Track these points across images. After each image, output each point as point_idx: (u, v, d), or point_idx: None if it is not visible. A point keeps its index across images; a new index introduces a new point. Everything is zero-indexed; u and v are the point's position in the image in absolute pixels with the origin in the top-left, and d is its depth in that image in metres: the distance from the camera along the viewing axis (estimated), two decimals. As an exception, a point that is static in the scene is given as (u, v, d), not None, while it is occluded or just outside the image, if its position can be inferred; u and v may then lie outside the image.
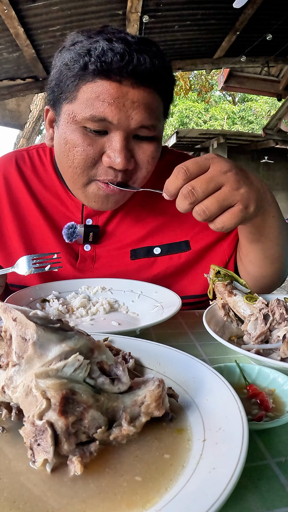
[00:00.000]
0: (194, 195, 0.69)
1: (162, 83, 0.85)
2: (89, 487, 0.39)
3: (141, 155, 0.88)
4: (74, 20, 4.37)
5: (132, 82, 0.79)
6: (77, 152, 0.85)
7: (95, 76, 0.79)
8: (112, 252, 1.08)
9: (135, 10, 4.29)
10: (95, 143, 0.84)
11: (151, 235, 1.08)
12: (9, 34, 4.38)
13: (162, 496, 0.37)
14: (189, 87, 15.49)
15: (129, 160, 0.85)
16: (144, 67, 0.78)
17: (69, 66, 0.82)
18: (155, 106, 0.84)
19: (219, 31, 5.15)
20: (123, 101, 0.79)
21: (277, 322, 0.72)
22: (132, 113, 0.81)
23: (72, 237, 1.02)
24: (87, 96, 0.80)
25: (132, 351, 0.63)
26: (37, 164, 1.11)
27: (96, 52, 0.78)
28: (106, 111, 0.79)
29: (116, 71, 0.77)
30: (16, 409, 0.48)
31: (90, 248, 1.08)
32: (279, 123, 8.15)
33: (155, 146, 0.89)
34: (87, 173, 0.88)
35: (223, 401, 0.48)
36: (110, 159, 0.84)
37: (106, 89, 0.79)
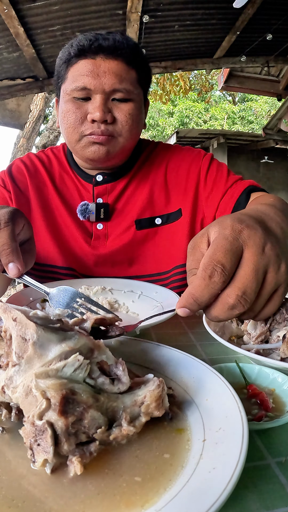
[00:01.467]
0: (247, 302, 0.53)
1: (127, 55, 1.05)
2: (88, 488, 0.39)
3: (118, 113, 1.07)
4: (74, 20, 4.36)
5: (103, 57, 1.03)
6: (69, 116, 1.07)
7: (76, 58, 1.05)
8: (121, 228, 1.21)
9: (135, 10, 4.29)
10: (82, 107, 1.06)
11: (152, 206, 1.21)
12: (9, 34, 4.37)
13: (161, 496, 0.37)
14: (189, 87, 15.47)
15: (107, 113, 1.04)
16: (108, 43, 1.02)
17: (60, 58, 1.10)
18: (125, 74, 1.05)
19: (219, 31, 5.14)
20: (97, 72, 1.03)
21: (277, 322, 0.72)
22: (104, 80, 1.02)
23: (85, 213, 1.17)
24: (72, 74, 1.05)
25: (132, 351, 0.63)
26: (53, 159, 1.30)
27: (75, 42, 1.05)
28: (85, 81, 1.03)
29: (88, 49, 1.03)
30: (16, 409, 0.48)
31: (102, 227, 1.21)
32: (279, 123, 8.14)
33: (131, 106, 1.07)
34: (77, 130, 1.07)
35: (223, 401, 0.48)
36: (91, 114, 1.04)
37: (84, 65, 1.04)
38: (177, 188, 1.20)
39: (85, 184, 1.23)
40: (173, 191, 1.22)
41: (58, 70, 1.12)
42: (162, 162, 1.24)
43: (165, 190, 1.22)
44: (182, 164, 1.21)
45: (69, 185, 1.25)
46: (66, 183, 1.25)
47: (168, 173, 1.22)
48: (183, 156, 1.23)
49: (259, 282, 0.53)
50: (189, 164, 1.21)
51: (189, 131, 12.00)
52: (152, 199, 1.22)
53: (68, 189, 1.25)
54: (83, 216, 1.17)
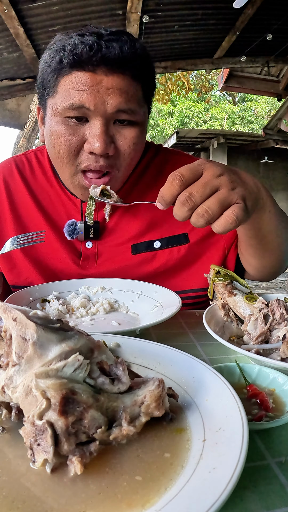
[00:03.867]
0: (192, 201, 0.69)
1: (135, 68, 0.87)
2: (89, 487, 0.39)
3: (122, 141, 0.90)
4: (74, 20, 4.36)
5: (105, 70, 0.83)
6: (61, 143, 0.89)
7: (70, 68, 0.85)
8: (113, 248, 1.09)
9: (135, 10, 4.29)
10: (77, 132, 0.88)
11: (151, 229, 1.10)
12: (9, 34, 4.37)
13: (162, 496, 0.37)
14: (188, 88, 15.49)
15: (109, 145, 0.88)
16: (113, 54, 0.82)
17: (48, 63, 0.89)
18: (131, 91, 0.87)
19: (219, 31, 5.14)
20: (97, 88, 0.83)
21: (277, 322, 0.72)
22: (107, 98, 0.84)
23: (73, 233, 1.04)
24: (65, 88, 0.86)
25: (132, 351, 0.63)
26: (36, 166, 1.13)
27: (69, 46, 0.83)
28: (82, 98, 0.84)
29: (87, 61, 0.82)
30: (16, 409, 0.48)
31: (91, 245, 1.09)
32: (279, 123, 8.14)
33: (136, 132, 0.91)
34: (72, 162, 0.92)
35: (223, 401, 0.48)
36: (90, 144, 0.87)
37: (81, 79, 0.84)
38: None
39: (73, 199, 1.09)
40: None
41: (44, 77, 0.92)
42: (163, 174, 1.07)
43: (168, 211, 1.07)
44: None
45: (54, 198, 1.10)
46: (50, 195, 1.10)
47: None
48: None
49: (205, 192, 0.69)
50: None
51: (189, 131, 12.00)
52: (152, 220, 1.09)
53: (53, 203, 1.10)
54: (70, 236, 1.04)
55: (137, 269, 1.09)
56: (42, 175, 1.12)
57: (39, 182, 1.12)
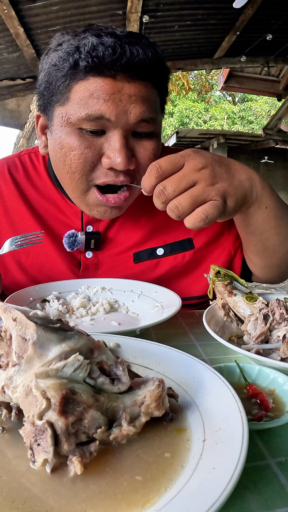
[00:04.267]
0: (165, 194, 0.69)
1: (157, 75, 0.81)
2: (89, 487, 0.39)
3: (142, 153, 0.83)
4: (74, 20, 4.36)
5: (127, 76, 0.75)
6: (74, 156, 0.80)
7: (87, 73, 0.75)
8: (115, 258, 1.06)
9: (135, 10, 4.29)
10: (93, 145, 0.80)
11: (153, 236, 1.06)
12: (9, 34, 4.37)
13: (162, 495, 0.37)
14: (189, 88, 15.48)
15: (130, 159, 0.80)
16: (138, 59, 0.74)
17: (58, 66, 0.78)
18: (152, 99, 0.81)
19: (219, 31, 5.14)
20: (119, 96, 0.75)
21: (277, 322, 0.72)
22: (130, 108, 0.76)
23: (73, 245, 0.99)
24: (80, 96, 0.76)
25: (132, 351, 0.63)
26: (30, 170, 1.06)
27: (86, 48, 0.74)
28: (103, 108, 0.75)
29: (108, 65, 0.73)
30: (16, 409, 0.48)
31: (92, 255, 1.05)
32: (279, 123, 8.14)
33: (156, 143, 0.86)
34: (86, 178, 0.84)
35: (223, 401, 0.48)
36: (110, 159, 0.79)
37: (100, 85, 0.74)
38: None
39: (73, 207, 1.03)
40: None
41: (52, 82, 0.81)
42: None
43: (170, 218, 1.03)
44: None
45: (52, 205, 1.04)
46: (47, 202, 1.04)
47: None
48: None
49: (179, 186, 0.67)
50: None
51: (189, 131, 12.00)
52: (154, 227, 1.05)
53: (50, 211, 1.04)
54: (70, 248, 0.99)
55: (140, 278, 1.05)
56: (38, 180, 1.05)
57: (34, 188, 1.05)
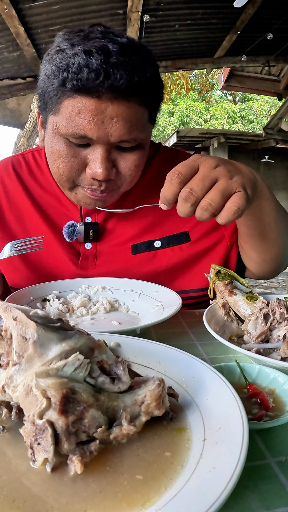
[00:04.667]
0: (194, 195, 0.70)
1: (144, 93, 0.84)
2: (90, 486, 0.39)
3: (123, 164, 0.90)
4: (74, 20, 4.36)
5: (110, 97, 0.79)
6: (62, 162, 0.89)
7: (75, 92, 0.80)
8: (113, 249, 1.09)
9: (136, 9, 4.28)
10: (79, 154, 0.88)
11: (151, 228, 1.09)
12: (10, 34, 4.37)
13: (162, 495, 0.37)
14: (190, 87, 15.48)
15: (110, 171, 0.88)
16: (120, 83, 0.78)
17: (50, 79, 0.83)
18: (136, 119, 0.85)
19: (220, 30, 5.14)
20: (102, 118, 0.81)
21: (278, 321, 0.72)
22: (111, 130, 0.82)
23: (72, 235, 1.04)
24: (69, 111, 0.82)
25: (133, 351, 0.63)
26: (33, 167, 1.13)
27: (73, 68, 0.78)
28: (86, 129, 0.82)
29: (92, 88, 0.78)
30: (16, 408, 0.48)
31: (91, 246, 1.09)
32: (279, 123, 8.14)
33: (138, 155, 0.91)
34: (72, 181, 0.92)
35: (223, 401, 0.48)
36: (92, 170, 0.87)
37: (85, 105, 0.80)
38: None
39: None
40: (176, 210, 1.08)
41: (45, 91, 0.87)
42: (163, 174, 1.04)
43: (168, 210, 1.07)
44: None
45: (52, 199, 1.10)
46: (48, 196, 1.10)
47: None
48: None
49: (205, 185, 0.70)
50: None
51: (190, 130, 11.98)
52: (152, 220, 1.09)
53: (51, 204, 1.10)
54: (69, 238, 1.05)
55: (137, 269, 1.09)
56: (40, 176, 1.12)
57: (37, 183, 1.11)
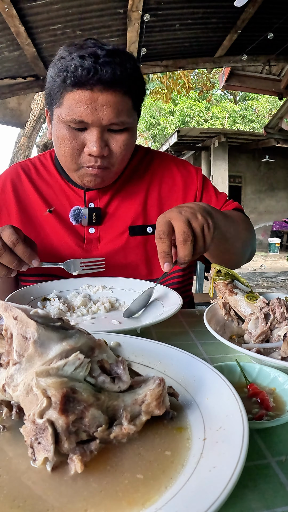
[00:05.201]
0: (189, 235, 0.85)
1: (126, 85, 1.03)
2: (90, 485, 0.39)
3: (114, 144, 1.08)
4: (75, 19, 4.35)
5: (101, 88, 1.00)
6: (66, 145, 1.07)
7: (73, 86, 1.01)
8: (114, 232, 1.24)
9: (136, 9, 4.27)
10: (78, 137, 1.06)
11: (145, 214, 1.25)
12: (10, 33, 4.36)
13: (162, 494, 0.37)
14: (190, 87, 15.45)
15: (104, 148, 1.06)
16: (107, 76, 0.99)
17: (54, 79, 1.05)
18: (122, 105, 1.04)
19: (220, 29, 5.12)
20: (94, 106, 1.01)
21: (278, 321, 0.72)
22: (102, 115, 1.02)
23: (78, 217, 1.20)
24: (69, 103, 1.02)
25: (133, 350, 0.63)
26: (40, 167, 1.30)
27: (70, 69, 1.00)
28: (83, 115, 1.02)
29: (86, 82, 0.99)
30: (16, 407, 0.48)
31: (94, 231, 1.23)
32: (280, 122, 8.13)
33: (126, 136, 1.09)
34: (75, 161, 1.10)
35: (223, 400, 0.48)
36: (89, 149, 1.06)
37: (81, 97, 1.01)
38: (171, 202, 1.26)
39: (76, 190, 1.25)
40: (167, 204, 1.26)
41: (51, 89, 1.08)
42: (156, 173, 1.29)
43: (159, 201, 1.26)
44: (177, 179, 1.28)
45: (59, 193, 1.26)
46: (55, 191, 1.26)
47: (163, 185, 1.27)
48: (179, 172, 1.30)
49: (188, 226, 0.86)
50: (184, 182, 1.28)
51: (190, 130, 11.97)
52: (146, 208, 1.26)
53: (58, 197, 1.26)
54: (75, 220, 1.20)
55: (134, 251, 1.23)
56: (46, 174, 1.29)
57: (44, 180, 1.28)
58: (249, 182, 13.36)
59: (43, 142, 7.76)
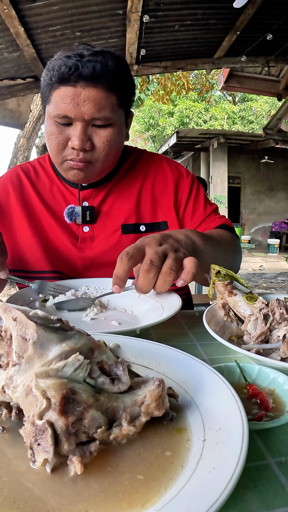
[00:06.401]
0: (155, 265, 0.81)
1: (108, 82, 1.06)
2: (91, 486, 0.39)
3: (97, 139, 1.11)
4: (74, 20, 4.36)
5: (83, 84, 1.03)
6: (53, 139, 1.11)
7: (58, 84, 1.05)
8: (107, 231, 1.26)
9: (136, 10, 4.28)
10: (63, 132, 1.10)
11: (138, 213, 1.28)
12: (10, 34, 4.37)
13: (162, 495, 0.37)
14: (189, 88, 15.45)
15: (85, 142, 1.08)
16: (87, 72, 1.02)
17: (44, 78, 1.11)
18: (104, 101, 1.06)
19: (220, 31, 5.13)
20: (77, 101, 1.04)
21: (277, 322, 0.72)
22: (84, 109, 1.05)
23: (72, 216, 1.23)
24: (55, 99, 1.07)
25: (132, 351, 0.63)
26: (39, 169, 1.35)
27: (56, 67, 1.05)
28: (66, 110, 1.05)
29: (68, 78, 1.03)
30: (16, 409, 0.48)
31: (88, 229, 1.26)
32: (279, 123, 8.15)
33: (110, 132, 1.11)
34: (60, 154, 1.13)
35: (223, 401, 0.48)
36: (72, 142, 1.09)
37: (66, 93, 1.05)
38: (163, 201, 1.29)
39: (71, 190, 1.29)
40: (159, 204, 1.28)
41: (43, 89, 1.14)
42: (149, 173, 1.32)
43: (152, 200, 1.29)
44: (169, 180, 1.31)
45: (56, 193, 1.31)
46: (52, 191, 1.31)
47: (156, 185, 1.30)
48: (171, 172, 1.33)
49: (160, 257, 0.83)
50: (176, 183, 1.31)
51: (189, 131, 11.99)
52: (139, 207, 1.29)
53: (55, 197, 1.30)
54: (70, 219, 1.23)
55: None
56: (44, 175, 1.34)
57: (42, 181, 1.33)
58: (248, 183, 13.38)
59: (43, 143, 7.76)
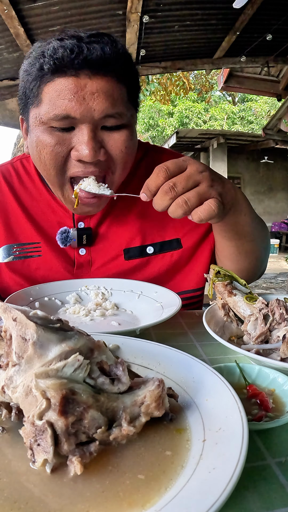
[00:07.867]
0: (175, 191, 0.73)
1: (119, 69, 0.83)
2: (93, 486, 0.39)
3: (112, 145, 0.86)
4: (74, 20, 4.36)
5: (88, 73, 0.79)
6: (46, 153, 0.85)
7: (53, 75, 0.80)
8: (106, 254, 1.09)
9: (135, 10, 4.29)
10: (63, 140, 0.84)
11: (143, 234, 1.09)
12: (9, 34, 4.37)
13: (162, 495, 0.37)
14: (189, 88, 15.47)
15: (98, 151, 0.84)
16: (95, 55, 0.78)
17: (28, 71, 0.84)
18: (117, 93, 0.83)
19: (219, 31, 5.14)
20: (82, 94, 0.79)
21: (277, 322, 0.72)
22: (93, 105, 0.80)
23: (66, 241, 1.03)
24: (49, 97, 0.81)
25: (132, 351, 0.63)
26: (23, 175, 1.10)
27: (48, 52, 0.79)
28: (68, 108, 0.80)
29: (69, 65, 0.78)
30: (16, 409, 0.48)
31: (85, 252, 1.07)
32: (279, 123, 8.14)
33: (126, 134, 0.88)
34: (60, 173, 0.88)
35: (223, 401, 0.48)
36: (78, 152, 0.83)
37: (65, 85, 0.79)
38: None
39: (64, 206, 1.05)
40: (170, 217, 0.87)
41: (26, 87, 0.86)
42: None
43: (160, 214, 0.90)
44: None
45: (44, 206, 1.07)
46: (39, 204, 1.07)
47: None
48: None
49: (187, 184, 0.73)
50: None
51: (189, 131, 11.99)
52: (144, 225, 1.09)
53: (43, 211, 1.07)
54: (63, 244, 1.03)
55: (131, 276, 1.08)
56: (30, 184, 1.09)
57: (27, 191, 1.08)
58: (248, 183, 13.38)
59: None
